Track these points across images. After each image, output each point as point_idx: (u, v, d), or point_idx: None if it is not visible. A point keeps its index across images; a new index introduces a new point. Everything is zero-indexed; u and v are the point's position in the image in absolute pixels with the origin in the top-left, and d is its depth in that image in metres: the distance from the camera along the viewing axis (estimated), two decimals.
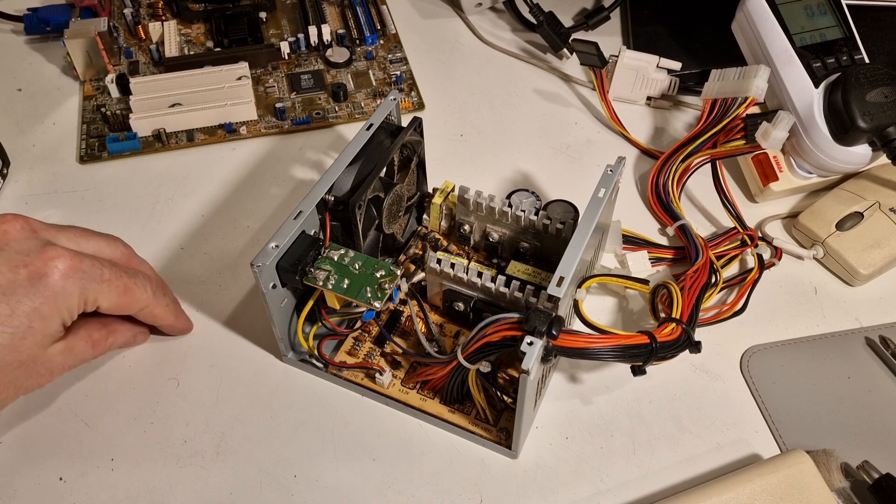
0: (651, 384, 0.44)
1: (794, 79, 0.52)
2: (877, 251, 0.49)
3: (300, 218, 0.39)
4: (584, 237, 0.38)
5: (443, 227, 0.49)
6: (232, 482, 0.40)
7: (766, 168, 0.53)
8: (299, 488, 0.39)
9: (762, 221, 0.53)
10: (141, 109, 0.57)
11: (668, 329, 0.39)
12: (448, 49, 0.67)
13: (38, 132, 0.58)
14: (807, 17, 0.54)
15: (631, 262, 0.49)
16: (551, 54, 0.66)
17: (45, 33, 0.65)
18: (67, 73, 0.62)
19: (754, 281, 0.48)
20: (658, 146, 0.59)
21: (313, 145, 0.58)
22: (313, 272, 0.39)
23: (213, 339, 0.46)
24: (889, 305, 0.49)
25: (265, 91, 0.61)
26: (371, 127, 0.44)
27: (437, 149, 0.57)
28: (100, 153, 0.56)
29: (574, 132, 0.60)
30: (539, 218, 0.44)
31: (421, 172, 0.48)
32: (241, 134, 0.58)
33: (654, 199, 0.53)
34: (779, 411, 0.43)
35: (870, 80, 0.49)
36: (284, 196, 0.54)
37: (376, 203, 0.43)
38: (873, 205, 0.50)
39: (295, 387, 0.44)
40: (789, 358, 0.46)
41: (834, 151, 0.51)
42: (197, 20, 0.66)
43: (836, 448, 0.40)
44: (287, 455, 0.41)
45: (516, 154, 0.58)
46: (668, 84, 0.60)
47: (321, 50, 0.65)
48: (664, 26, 0.66)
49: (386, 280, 0.39)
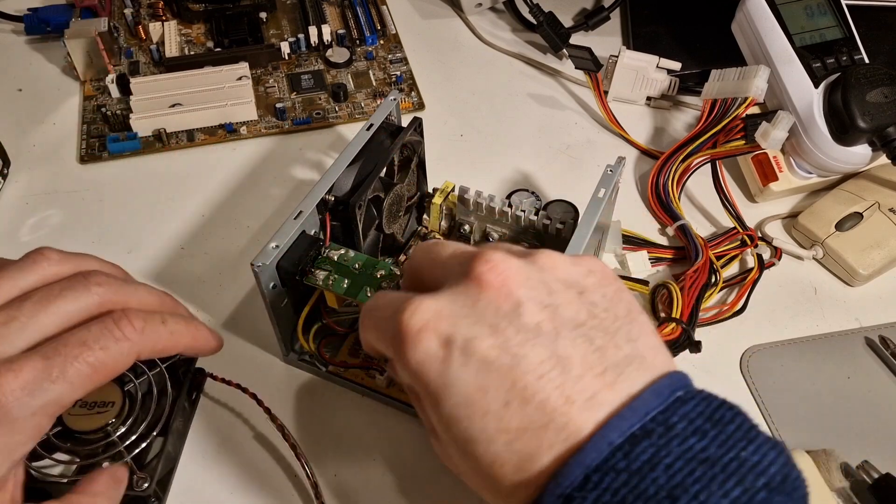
0: None
1: (794, 79, 0.52)
2: (876, 251, 0.49)
3: (300, 218, 0.39)
4: (584, 237, 0.38)
5: (443, 227, 0.49)
6: (232, 482, 0.40)
7: (765, 168, 0.53)
8: (299, 488, 0.40)
9: (762, 221, 0.53)
10: (141, 109, 0.57)
11: (669, 329, 0.39)
12: (448, 49, 0.67)
13: (38, 132, 0.58)
14: (807, 18, 0.54)
15: (631, 261, 0.49)
16: (551, 55, 0.66)
17: (46, 33, 0.65)
18: (68, 74, 0.63)
19: (754, 281, 0.48)
20: (658, 146, 0.59)
21: (313, 145, 0.58)
22: (313, 272, 0.39)
23: None
24: (889, 305, 0.49)
25: (265, 91, 0.61)
26: (371, 127, 0.44)
27: (437, 149, 0.57)
28: (100, 153, 0.56)
29: (574, 132, 0.60)
30: (539, 218, 0.44)
31: (421, 172, 0.48)
32: (241, 134, 0.58)
33: (654, 200, 0.53)
34: (779, 411, 0.43)
35: (870, 80, 0.49)
36: (284, 196, 0.54)
37: (376, 203, 0.43)
38: (873, 205, 0.50)
39: (295, 387, 0.44)
40: (789, 358, 0.46)
41: (834, 151, 0.51)
42: (197, 20, 0.66)
43: (836, 448, 0.40)
44: (287, 455, 0.41)
45: (516, 154, 0.58)
46: (667, 84, 0.60)
47: (321, 50, 0.65)
48: (664, 26, 0.66)
49: (386, 280, 0.39)
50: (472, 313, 0.26)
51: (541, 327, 0.25)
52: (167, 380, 0.40)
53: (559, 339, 0.25)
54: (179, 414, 0.40)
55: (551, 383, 0.25)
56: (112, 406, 0.38)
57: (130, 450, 0.37)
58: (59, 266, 0.32)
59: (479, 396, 0.25)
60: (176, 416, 0.39)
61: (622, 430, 0.24)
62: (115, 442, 0.37)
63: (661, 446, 0.23)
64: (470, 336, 0.26)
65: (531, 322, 0.26)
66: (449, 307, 0.26)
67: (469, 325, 0.26)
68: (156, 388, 0.40)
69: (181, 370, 0.41)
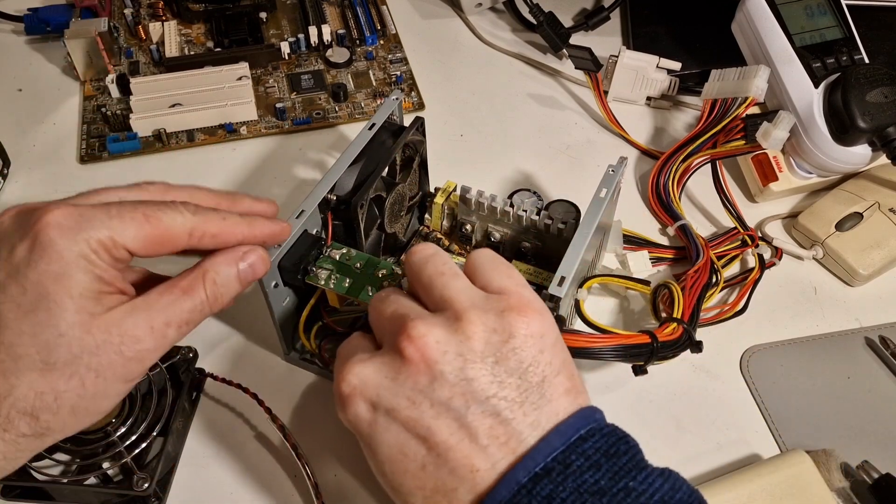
0: (651, 384, 0.44)
1: (794, 79, 0.52)
2: (876, 251, 0.49)
3: (302, 217, 0.39)
4: (585, 237, 0.38)
5: (444, 226, 0.49)
6: (232, 482, 0.40)
7: (765, 168, 0.53)
8: (300, 488, 0.40)
9: (762, 221, 0.53)
10: (141, 109, 0.57)
11: (670, 329, 0.39)
12: (448, 49, 0.67)
13: (38, 132, 0.58)
14: (807, 18, 0.54)
15: (632, 261, 0.49)
16: (551, 55, 0.66)
17: (46, 33, 0.65)
18: (68, 74, 0.62)
19: (755, 281, 0.48)
20: (658, 146, 0.59)
21: (313, 145, 0.58)
22: (315, 271, 0.39)
23: (215, 338, 0.46)
24: (889, 305, 0.49)
25: (265, 91, 0.61)
26: (373, 126, 0.44)
27: (437, 149, 0.57)
28: (100, 153, 0.56)
29: (574, 132, 0.60)
30: (540, 218, 0.44)
31: (423, 172, 0.48)
32: (241, 134, 0.58)
33: (655, 200, 0.53)
34: (779, 411, 0.43)
35: (870, 80, 0.49)
36: (285, 196, 0.54)
37: (378, 202, 0.43)
38: (873, 205, 0.50)
39: (297, 386, 0.44)
40: (789, 358, 0.46)
41: (834, 151, 0.51)
42: (197, 20, 0.66)
43: (836, 448, 0.40)
44: (287, 455, 0.41)
45: (516, 154, 0.58)
46: (667, 84, 0.60)
47: (321, 50, 0.65)
48: (664, 26, 0.66)
49: (388, 279, 0.39)
50: (393, 385, 0.30)
51: (451, 402, 0.29)
52: (167, 380, 0.40)
53: (468, 413, 0.28)
54: (179, 414, 0.40)
55: (460, 453, 0.28)
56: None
57: (130, 450, 0.37)
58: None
59: (401, 458, 0.29)
60: (176, 416, 0.39)
61: (528, 470, 0.27)
62: (115, 442, 0.37)
63: (558, 482, 0.27)
64: (391, 406, 0.29)
65: (443, 397, 0.29)
66: (374, 377, 0.30)
67: (390, 397, 0.30)
68: (156, 388, 0.40)
69: (181, 370, 0.41)
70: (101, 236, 0.29)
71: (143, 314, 0.30)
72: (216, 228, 0.33)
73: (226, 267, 0.33)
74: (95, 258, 0.30)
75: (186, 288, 0.32)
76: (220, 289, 0.33)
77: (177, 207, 0.32)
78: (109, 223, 0.30)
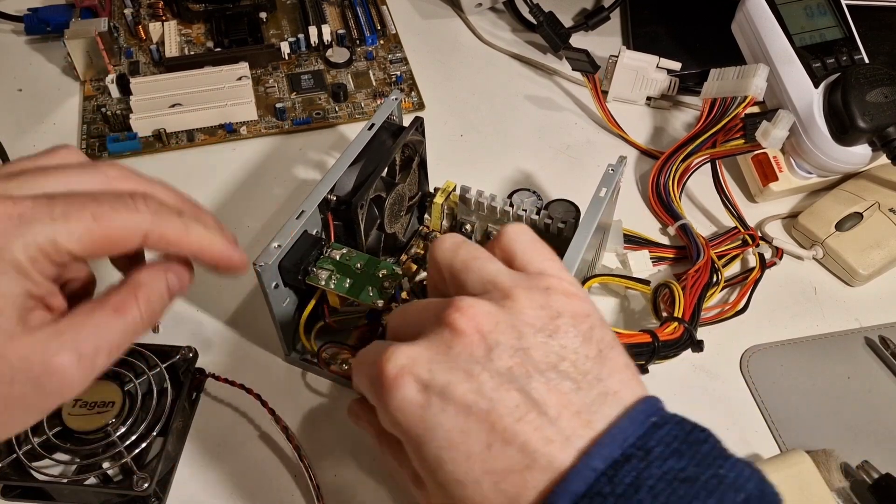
0: (651, 384, 0.44)
1: (794, 79, 0.52)
2: (876, 251, 0.49)
3: (302, 217, 0.39)
4: (585, 237, 0.38)
5: (444, 226, 0.49)
6: (232, 481, 0.40)
7: (765, 168, 0.53)
8: (300, 488, 0.40)
9: (762, 221, 0.53)
10: (141, 109, 0.57)
11: (671, 328, 0.39)
12: (448, 49, 0.67)
13: (38, 132, 0.58)
14: (806, 17, 0.54)
15: (632, 261, 0.49)
16: (551, 55, 0.66)
17: (46, 33, 0.65)
18: (68, 74, 0.62)
19: (756, 280, 0.48)
20: (658, 146, 0.59)
21: (313, 145, 0.58)
22: (315, 272, 0.39)
23: (215, 339, 0.46)
24: (889, 305, 0.49)
25: (265, 91, 0.61)
26: (373, 127, 0.44)
27: (437, 149, 0.57)
28: (100, 153, 0.56)
29: (574, 132, 0.60)
30: (540, 217, 0.44)
31: (422, 172, 0.48)
32: (241, 134, 0.58)
33: (655, 199, 0.53)
34: (779, 411, 0.43)
35: (870, 81, 0.49)
36: (285, 196, 0.54)
37: (378, 203, 0.43)
38: (873, 205, 0.50)
39: (297, 386, 0.44)
40: (789, 358, 0.46)
41: (834, 151, 0.51)
42: (197, 20, 0.66)
43: (836, 448, 0.40)
44: (287, 455, 0.41)
45: (516, 154, 0.58)
46: (667, 84, 0.60)
47: (321, 50, 0.65)
48: (664, 26, 0.66)
49: (388, 280, 0.39)
50: (447, 359, 0.27)
51: (513, 371, 0.26)
52: (167, 380, 0.40)
53: (532, 383, 0.26)
54: (179, 414, 0.40)
55: (530, 425, 0.25)
56: (112, 406, 0.38)
57: (130, 450, 0.37)
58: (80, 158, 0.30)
59: (462, 439, 0.26)
60: (176, 416, 0.39)
61: (604, 457, 0.25)
62: (115, 442, 0.37)
63: (642, 469, 0.24)
64: (446, 381, 0.26)
65: (503, 367, 0.26)
66: (424, 353, 0.27)
67: (445, 371, 0.26)
68: (156, 388, 0.40)
69: (181, 370, 0.41)
70: (42, 241, 0.25)
71: (70, 338, 0.26)
72: (175, 235, 0.29)
73: (158, 281, 0.29)
74: (30, 268, 0.25)
75: (119, 306, 0.27)
76: (154, 305, 0.29)
77: (134, 205, 0.27)
78: (53, 225, 0.25)
